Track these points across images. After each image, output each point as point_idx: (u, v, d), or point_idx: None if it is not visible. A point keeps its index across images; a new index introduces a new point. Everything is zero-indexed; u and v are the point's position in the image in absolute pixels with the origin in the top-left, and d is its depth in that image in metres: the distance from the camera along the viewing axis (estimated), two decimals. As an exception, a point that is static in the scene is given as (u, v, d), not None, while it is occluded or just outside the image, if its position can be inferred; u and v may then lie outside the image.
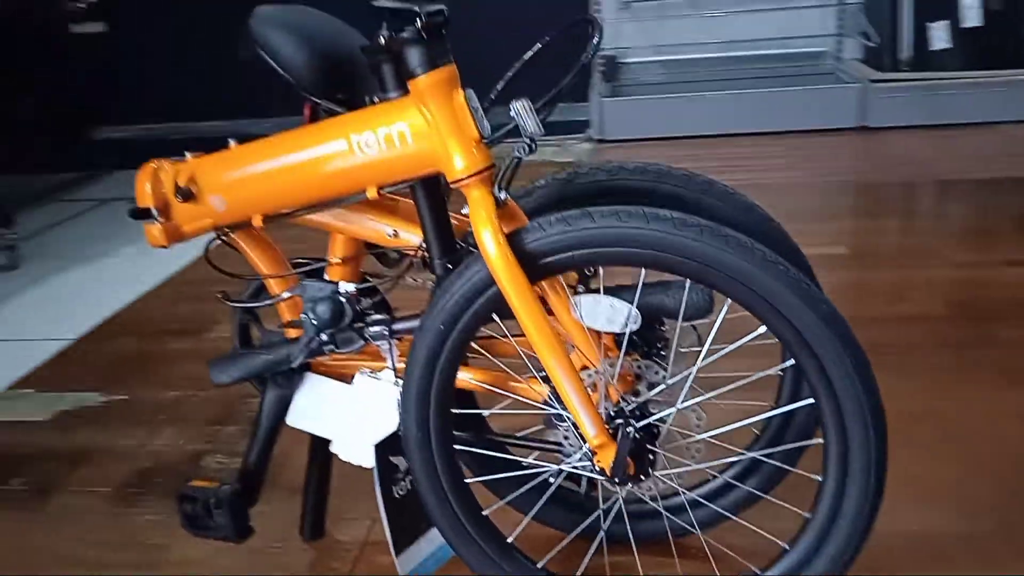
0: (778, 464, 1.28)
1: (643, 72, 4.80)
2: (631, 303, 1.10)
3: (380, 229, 1.25)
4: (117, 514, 1.61)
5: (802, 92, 4.27)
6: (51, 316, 2.61)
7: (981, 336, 2.05)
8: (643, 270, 1.08)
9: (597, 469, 1.11)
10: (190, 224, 1.25)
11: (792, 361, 1.05)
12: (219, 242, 1.29)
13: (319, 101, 1.21)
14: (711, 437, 1.15)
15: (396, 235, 1.24)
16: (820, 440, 1.08)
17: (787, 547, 1.13)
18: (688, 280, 1.07)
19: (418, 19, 1.02)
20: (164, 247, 1.26)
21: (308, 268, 1.35)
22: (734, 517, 1.32)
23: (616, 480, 1.09)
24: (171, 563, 1.47)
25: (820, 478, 1.09)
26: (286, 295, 1.28)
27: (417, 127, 1.07)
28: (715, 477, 1.35)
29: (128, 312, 2.56)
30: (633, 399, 1.15)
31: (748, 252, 1.02)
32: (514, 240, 1.07)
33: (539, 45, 1.25)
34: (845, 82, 4.33)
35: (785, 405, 1.26)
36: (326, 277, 1.30)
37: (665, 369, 1.17)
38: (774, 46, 4.71)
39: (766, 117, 4.22)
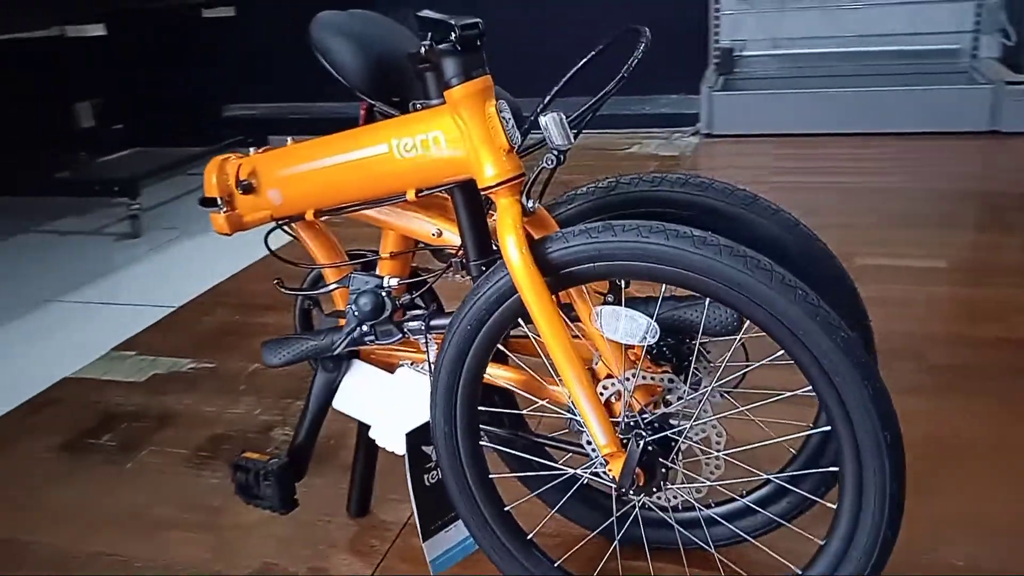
0: (800, 492, 1.26)
1: (760, 66, 4.67)
2: (652, 316, 1.11)
3: (425, 228, 1.30)
4: (186, 475, 1.74)
5: (929, 92, 4.05)
6: (159, 284, 2.81)
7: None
8: (663, 285, 1.09)
9: (609, 477, 1.13)
10: (251, 215, 1.34)
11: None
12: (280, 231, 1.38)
13: (374, 103, 1.27)
14: (729, 455, 1.14)
15: (440, 234, 1.29)
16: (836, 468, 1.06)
17: (800, 572, 1.12)
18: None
19: (453, 32, 1.06)
20: (227, 235, 1.35)
21: (361, 261, 1.42)
22: (751, 539, 1.31)
23: (623, 490, 1.10)
24: (224, 527, 1.57)
25: (836, 506, 1.07)
26: (334, 286, 1.35)
27: (451, 134, 1.11)
28: (737, 497, 1.34)
29: (225, 285, 2.73)
30: (653, 411, 1.16)
31: (766, 274, 1.00)
32: (538, 248, 1.09)
33: (591, 54, 1.26)
34: (977, 83, 4.08)
35: (821, 427, 1.24)
36: (376, 271, 1.36)
37: (686, 383, 1.18)
38: (904, 42, 4.49)
39: (887, 117, 4.03)
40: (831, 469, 1.07)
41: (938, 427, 1.73)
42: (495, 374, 1.28)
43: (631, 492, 1.12)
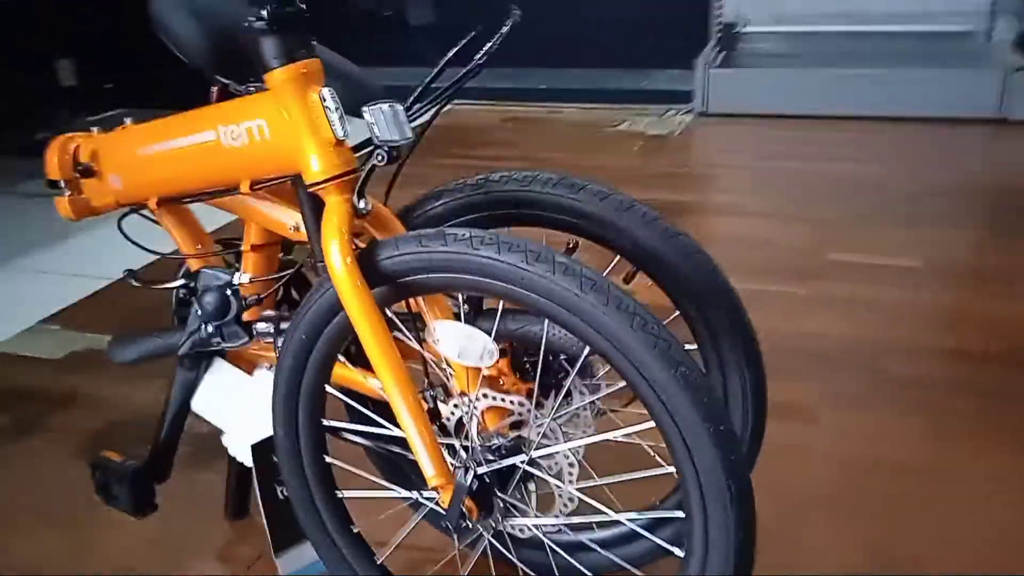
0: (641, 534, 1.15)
1: (762, 42, 4.48)
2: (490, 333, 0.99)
3: (283, 220, 1.19)
4: (70, 465, 1.66)
5: (935, 74, 3.85)
6: (109, 254, 2.72)
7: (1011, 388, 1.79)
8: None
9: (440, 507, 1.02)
10: (98, 200, 1.24)
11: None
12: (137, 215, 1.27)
13: (226, 82, 1.15)
14: (578, 490, 1.03)
15: (297, 229, 1.18)
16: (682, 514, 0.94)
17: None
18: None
19: (267, 8, 0.94)
20: (73, 220, 1.25)
21: (226, 252, 1.31)
22: (633, 569, 1.20)
23: (448, 526, 0.99)
24: (92, 523, 1.49)
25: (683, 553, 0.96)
26: (178, 282, 1.25)
27: (275, 123, 0.99)
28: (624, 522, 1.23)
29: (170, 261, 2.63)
30: (503, 435, 1.05)
31: (601, 296, 0.88)
32: (369, 255, 0.98)
33: (463, 42, 1.14)
34: (986, 67, 3.86)
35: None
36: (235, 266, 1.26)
37: (556, 403, 1.06)
38: (916, 21, 4.27)
39: (892, 100, 3.83)
40: (678, 515, 0.96)
41: (870, 447, 1.61)
42: (349, 379, 1.18)
43: (464, 524, 1.01)
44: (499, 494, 1.01)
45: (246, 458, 1.22)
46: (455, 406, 1.08)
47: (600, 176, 3.54)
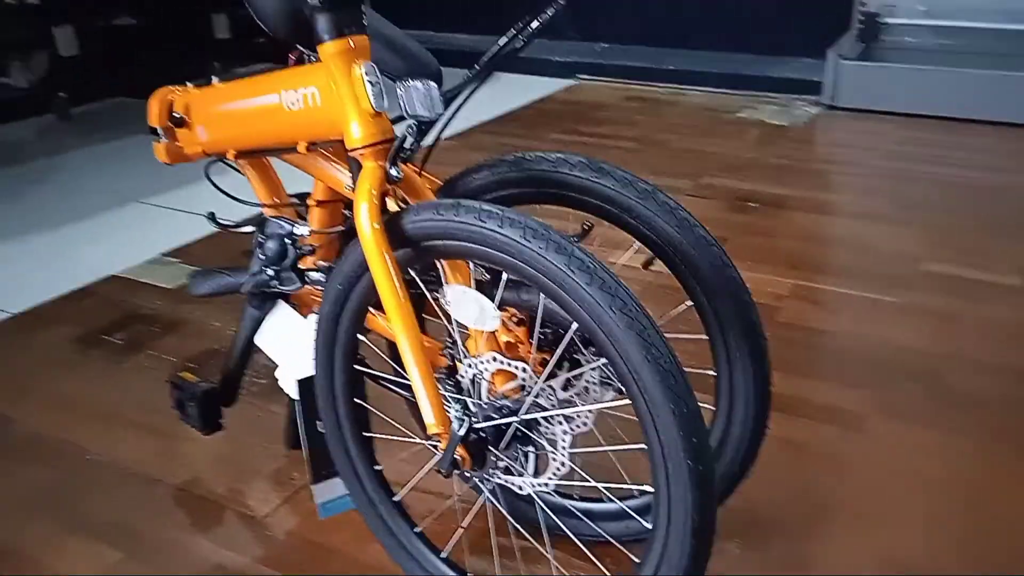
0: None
1: (907, 36, 4.26)
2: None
3: (340, 179, 1.31)
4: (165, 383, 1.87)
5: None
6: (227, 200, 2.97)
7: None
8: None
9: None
10: (189, 148, 1.39)
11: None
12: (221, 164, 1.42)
13: (304, 51, 1.27)
14: (565, 458, 1.10)
15: (352, 188, 1.29)
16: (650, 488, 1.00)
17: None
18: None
19: (322, -14, 1.04)
20: (168, 164, 1.41)
21: (287, 205, 1.44)
22: (611, 539, 1.26)
23: (440, 470, 1.09)
24: (175, 436, 1.68)
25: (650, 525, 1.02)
26: (248, 228, 1.39)
27: (325, 92, 1.10)
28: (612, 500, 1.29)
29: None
30: (508, 397, 1.13)
31: (587, 276, 0.95)
32: (395, 218, 1.08)
33: (514, 31, 1.22)
34: None
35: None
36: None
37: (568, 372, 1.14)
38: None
39: (1043, 107, 3.59)
40: (647, 489, 1.01)
41: (912, 460, 1.59)
42: (382, 329, 1.29)
43: (446, 474, 1.10)
44: (492, 449, 1.10)
45: (292, 392, 1.36)
46: (469, 366, 1.17)
47: (707, 162, 3.56)
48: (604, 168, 1.18)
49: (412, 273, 1.14)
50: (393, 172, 1.09)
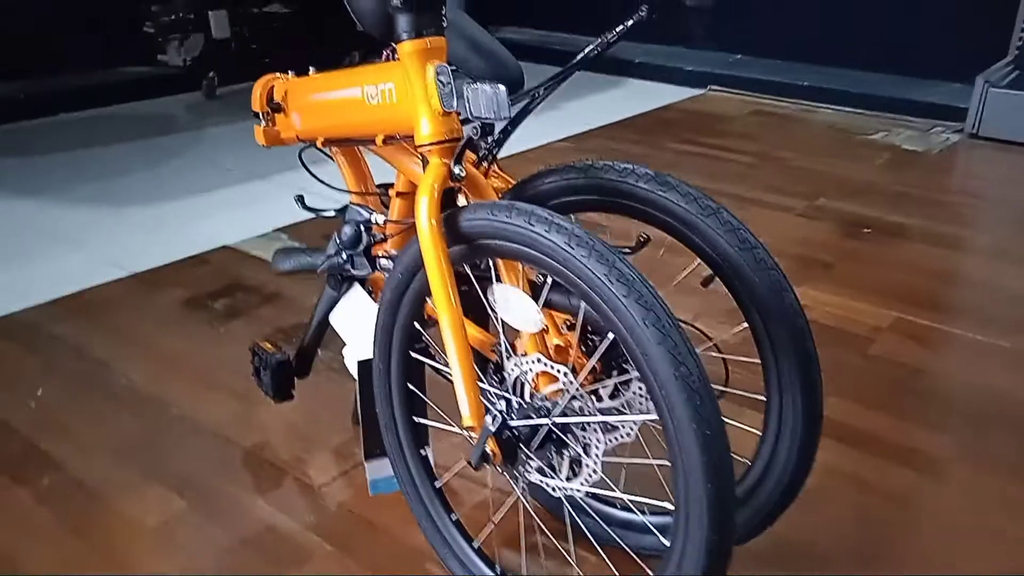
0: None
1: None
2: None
3: (418, 172, 1.35)
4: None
5: None
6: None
7: None
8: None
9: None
10: (285, 133, 1.47)
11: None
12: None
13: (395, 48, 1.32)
14: (597, 466, 1.11)
15: (429, 182, 1.34)
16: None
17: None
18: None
19: (408, -12, 1.08)
20: (265, 146, 1.50)
21: (371, 193, 1.50)
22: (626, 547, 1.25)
23: (470, 462, 1.11)
24: (254, 401, 1.77)
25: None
26: (330, 213, 1.46)
27: (401, 88, 1.15)
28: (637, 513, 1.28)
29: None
30: (545, 400, 1.14)
31: (625, 287, 0.95)
32: (454, 216, 1.11)
33: (598, 42, 1.23)
34: None
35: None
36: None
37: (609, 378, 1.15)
38: None
39: None
40: (667, 506, 1.01)
41: (989, 517, 1.49)
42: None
43: (475, 466, 1.12)
44: (523, 448, 1.11)
45: (353, 372, 1.42)
46: (514, 365, 1.19)
47: (826, 183, 3.45)
48: (670, 182, 1.17)
49: (466, 269, 1.17)
50: (456, 170, 1.13)
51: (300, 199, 1.51)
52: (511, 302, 1.11)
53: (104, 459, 1.61)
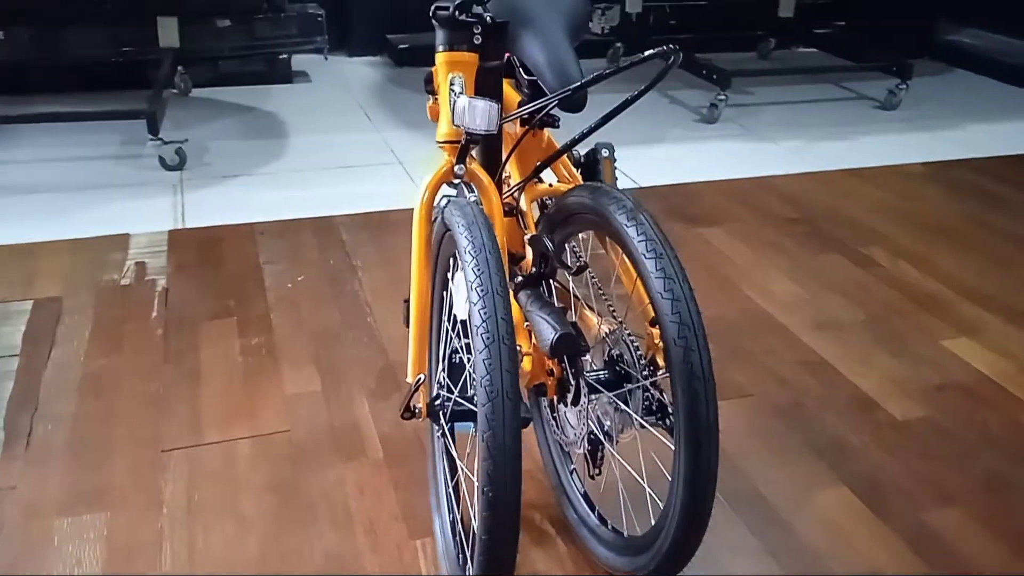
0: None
1: None
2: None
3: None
4: (355, 309, 1.99)
5: None
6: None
7: None
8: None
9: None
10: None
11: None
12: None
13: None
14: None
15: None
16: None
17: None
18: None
19: (446, 9, 1.28)
20: (433, 121, 1.78)
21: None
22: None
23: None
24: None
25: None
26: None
27: (440, 91, 1.35)
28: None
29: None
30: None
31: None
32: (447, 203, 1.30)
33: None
34: None
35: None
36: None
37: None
38: None
39: None
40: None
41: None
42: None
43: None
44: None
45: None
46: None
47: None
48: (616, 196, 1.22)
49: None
50: (457, 168, 1.31)
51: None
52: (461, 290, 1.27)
53: (300, 339, 2.10)
